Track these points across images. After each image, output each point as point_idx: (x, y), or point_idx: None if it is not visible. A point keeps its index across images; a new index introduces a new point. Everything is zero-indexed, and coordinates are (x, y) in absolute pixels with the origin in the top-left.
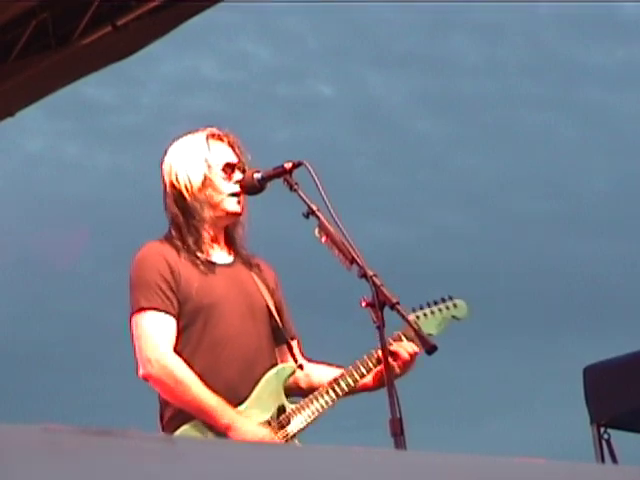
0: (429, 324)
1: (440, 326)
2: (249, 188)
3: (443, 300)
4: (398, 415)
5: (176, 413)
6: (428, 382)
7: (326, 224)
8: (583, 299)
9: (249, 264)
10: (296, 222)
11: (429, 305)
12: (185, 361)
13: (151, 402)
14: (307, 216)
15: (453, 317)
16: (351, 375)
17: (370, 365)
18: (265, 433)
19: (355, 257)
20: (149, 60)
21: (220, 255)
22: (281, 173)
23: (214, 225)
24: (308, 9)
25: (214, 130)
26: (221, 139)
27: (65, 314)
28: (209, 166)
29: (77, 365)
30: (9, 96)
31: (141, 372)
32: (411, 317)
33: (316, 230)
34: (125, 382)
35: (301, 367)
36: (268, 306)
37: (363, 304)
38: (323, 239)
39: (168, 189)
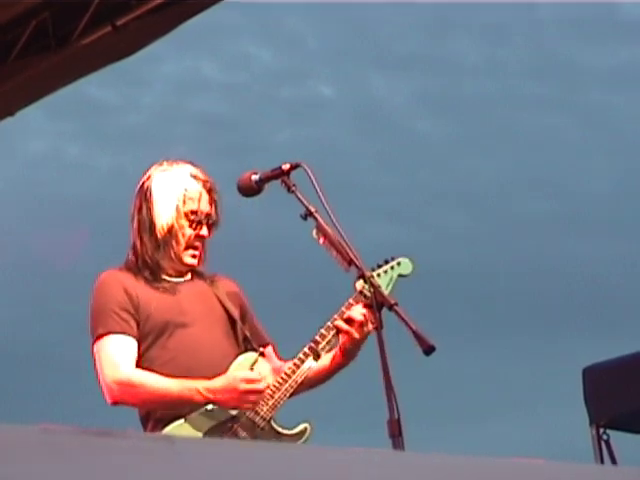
0: None
1: (388, 287)
2: (247, 190)
3: (386, 261)
4: (396, 416)
5: (155, 425)
6: (427, 382)
7: (324, 225)
8: (583, 299)
9: (208, 279)
10: (294, 223)
11: (373, 269)
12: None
13: None
14: (305, 217)
15: (400, 275)
16: (313, 350)
17: (330, 337)
18: (235, 383)
19: (353, 258)
20: (151, 61)
21: (179, 278)
22: (279, 174)
23: (171, 264)
24: (309, 10)
25: (199, 173)
26: (202, 183)
27: (65, 314)
28: (179, 215)
29: (77, 366)
30: (9, 96)
31: (108, 399)
32: (358, 286)
33: (314, 231)
34: None
35: (262, 354)
36: (231, 316)
37: (361, 305)
38: (321, 240)
39: (137, 216)
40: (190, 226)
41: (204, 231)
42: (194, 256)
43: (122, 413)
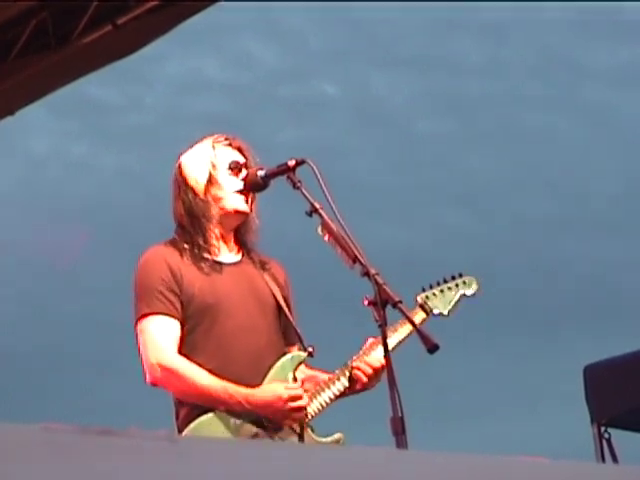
0: (439, 303)
1: (450, 305)
2: (252, 185)
3: (453, 278)
4: (400, 414)
5: (190, 411)
6: (429, 381)
7: (329, 222)
8: (586, 299)
9: (258, 263)
10: (299, 220)
11: (439, 284)
12: (195, 361)
13: (153, 404)
14: (310, 214)
15: (464, 295)
16: (334, 384)
17: (344, 383)
18: (278, 400)
19: (357, 255)
20: (154, 60)
21: (227, 255)
22: (284, 170)
23: (222, 224)
24: (311, 9)
25: (220, 136)
26: (227, 143)
27: (69, 315)
28: (214, 165)
29: (79, 366)
30: (9, 95)
31: (148, 379)
32: (419, 299)
33: (319, 228)
34: (128, 383)
35: (311, 354)
36: (277, 302)
37: (365, 302)
38: (326, 237)
39: (176, 193)
40: (230, 173)
41: (245, 173)
42: (245, 201)
43: (125, 413)
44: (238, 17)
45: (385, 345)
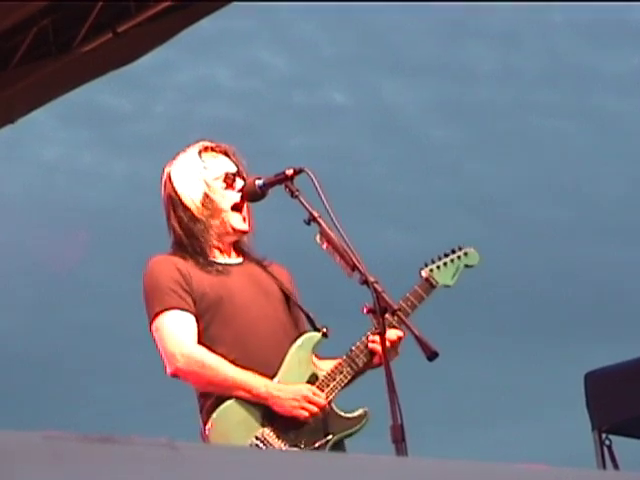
0: (444, 275)
1: (455, 276)
2: (251, 195)
3: (453, 251)
4: (399, 422)
5: (214, 402)
6: (431, 387)
7: (327, 231)
8: (594, 305)
9: (260, 263)
10: (298, 229)
11: (440, 258)
12: (216, 353)
13: (159, 408)
14: (308, 223)
15: (466, 266)
16: (347, 368)
17: (363, 359)
18: (302, 387)
19: (356, 263)
20: (164, 68)
21: (229, 259)
22: (282, 179)
23: (221, 241)
24: (323, 17)
25: (206, 143)
26: (215, 150)
27: (78, 323)
28: (208, 184)
29: (87, 373)
30: (10, 103)
31: (168, 370)
32: (424, 273)
33: (317, 236)
34: (135, 390)
35: (325, 334)
36: (285, 293)
37: (364, 310)
38: (324, 245)
39: (171, 212)
40: (225, 187)
41: (240, 182)
42: (243, 219)
43: (130, 418)
44: (248, 24)
45: (384, 352)
